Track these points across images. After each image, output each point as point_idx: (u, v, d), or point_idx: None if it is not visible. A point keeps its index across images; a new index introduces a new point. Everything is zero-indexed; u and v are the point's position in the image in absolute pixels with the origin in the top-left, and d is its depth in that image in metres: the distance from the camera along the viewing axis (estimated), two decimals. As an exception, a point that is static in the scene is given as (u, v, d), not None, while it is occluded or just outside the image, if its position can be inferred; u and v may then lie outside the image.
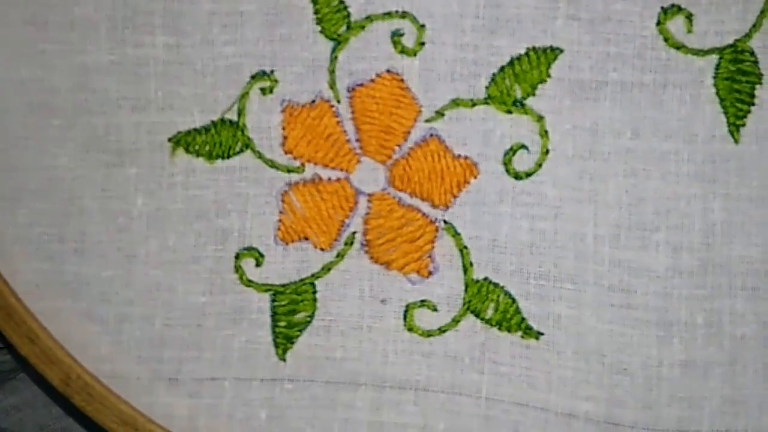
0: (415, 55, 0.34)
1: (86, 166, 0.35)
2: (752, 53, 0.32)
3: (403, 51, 0.33)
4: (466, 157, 0.34)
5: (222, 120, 0.34)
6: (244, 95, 0.34)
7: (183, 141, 0.35)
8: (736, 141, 0.33)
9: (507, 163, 0.34)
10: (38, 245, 0.35)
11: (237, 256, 0.35)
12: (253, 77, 0.34)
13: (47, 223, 0.35)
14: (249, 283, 0.35)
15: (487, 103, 0.33)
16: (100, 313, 0.35)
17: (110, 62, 0.34)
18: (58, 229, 0.35)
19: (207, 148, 0.35)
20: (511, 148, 0.33)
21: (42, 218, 0.35)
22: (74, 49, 0.34)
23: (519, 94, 0.33)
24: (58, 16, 0.34)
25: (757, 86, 0.32)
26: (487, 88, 0.33)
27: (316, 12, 0.34)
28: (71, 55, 0.34)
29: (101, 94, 0.34)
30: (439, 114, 0.34)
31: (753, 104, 0.32)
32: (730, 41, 0.32)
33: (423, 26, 0.33)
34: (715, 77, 0.33)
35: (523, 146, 0.33)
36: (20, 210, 0.35)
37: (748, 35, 0.32)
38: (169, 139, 0.34)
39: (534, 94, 0.33)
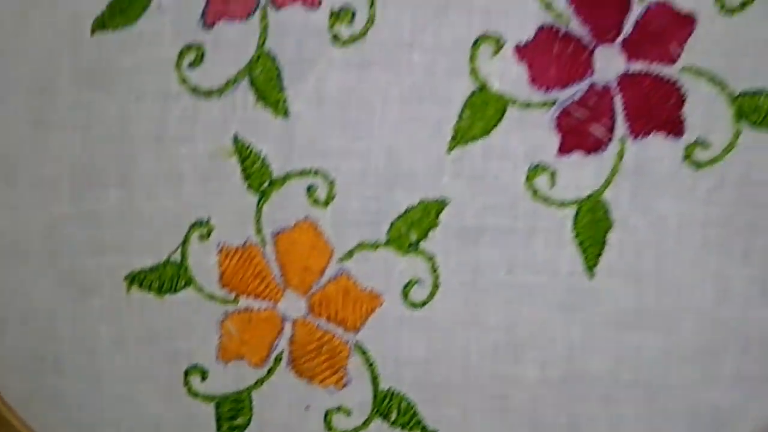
0: (327, 205, 0.40)
1: (58, 299, 0.41)
2: (605, 204, 0.39)
3: (317, 202, 0.40)
4: (372, 290, 0.40)
5: (168, 261, 0.41)
6: (186, 240, 0.41)
7: (137, 279, 0.41)
8: (591, 276, 0.39)
9: (405, 295, 0.40)
10: (23, 364, 0.42)
11: (186, 373, 0.41)
12: (192, 225, 0.41)
13: (29, 345, 0.42)
14: (196, 394, 0.41)
15: (387, 246, 0.40)
16: (76, 420, 0.42)
17: (73, 213, 0.41)
18: (38, 350, 0.42)
19: (156, 284, 0.41)
20: (408, 282, 0.40)
21: (24, 341, 0.42)
22: (42, 203, 0.41)
23: (414, 237, 0.40)
24: (27, 176, 0.41)
25: (609, 232, 0.39)
26: (387, 233, 0.40)
27: (243, 170, 0.40)
28: (40, 208, 0.41)
29: (67, 240, 0.41)
30: (349, 254, 0.40)
31: (605, 247, 0.39)
32: (587, 194, 0.39)
33: (333, 182, 0.40)
34: (574, 224, 0.39)
35: (418, 281, 0.40)
36: (6, 334, 0.42)
37: (601, 189, 0.39)
38: (125, 278, 0.41)
39: (426, 238, 0.40)
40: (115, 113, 0.40)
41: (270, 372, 0.41)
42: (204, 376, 0.41)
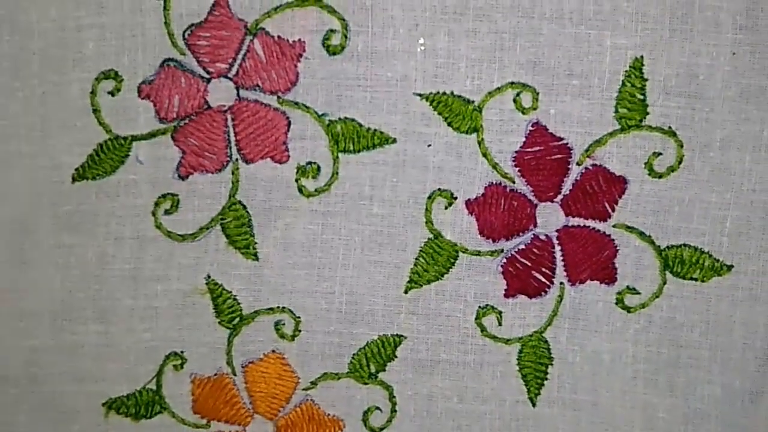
0: (293, 339, 0.44)
1: (38, 424, 0.44)
2: (546, 342, 0.43)
3: (284, 337, 0.44)
4: (334, 416, 0.44)
5: (144, 389, 0.44)
6: (161, 370, 0.44)
7: (114, 405, 0.44)
8: (534, 405, 0.44)
9: (365, 421, 0.44)
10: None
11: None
12: (167, 357, 0.44)
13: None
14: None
15: (349, 377, 0.44)
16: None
17: (53, 345, 0.44)
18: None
19: (133, 410, 0.44)
20: (368, 409, 0.44)
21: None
22: (24, 334, 0.44)
23: (373, 369, 0.44)
24: (8, 309, 0.44)
25: (549, 366, 0.43)
26: (349, 364, 0.44)
27: (215, 307, 0.44)
28: (22, 340, 0.44)
29: (48, 369, 0.44)
30: (313, 384, 0.44)
31: (546, 379, 0.43)
32: (530, 332, 0.43)
33: (299, 319, 0.43)
34: (519, 359, 0.43)
35: (378, 408, 0.44)
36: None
37: (543, 328, 0.43)
38: (103, 404, 0.44)
39: (384, 369, 0.44)
40: (93, 254, 0.43)
41: (239, 490, 0.45)
42: (177, 493, 0.45)
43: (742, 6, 0.41)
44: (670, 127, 0.42)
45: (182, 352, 0.44)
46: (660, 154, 0.42)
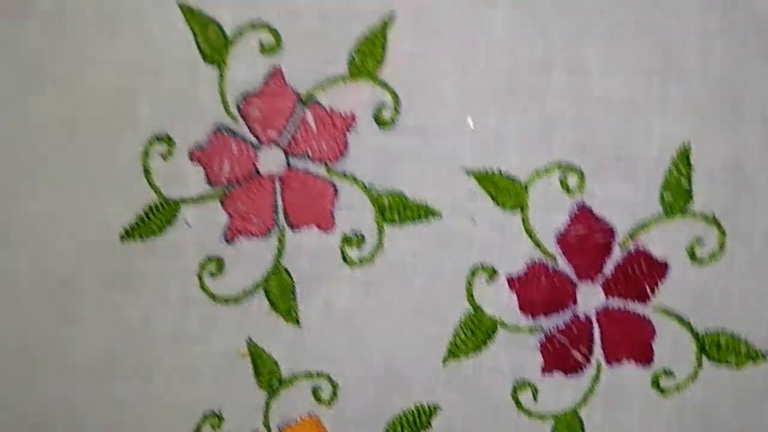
0: (330, 404, 0.44)
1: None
2: (580, 419, 0.44)
3: (321, 401, 0.44)
4: (367, 481, 0.45)
5: (180, 445, 0.45)
6: (198, 429, 0.45)
7: (152, 461, 0.45)
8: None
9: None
10: None
11: None
12: (205, 416, 0.45)
13: None
14: None
15: (385, 442, 0.45)
16: None
17: (93, 400, 0.44)
18: None
19: (170, 466, 0.45)
20: (402, 476, 0.45)
21: None
22: (64, 388, 0.44)
23: (408, 436, 0.44)
24: (50, 363, 0.44)
25: (583, 441, 0.44)
26: (384, 431, 0.44)
27: (254, 369, 0.44)
28: (62, 393, 0.44)
29: (87, 423, 0.44)
30: (347, 448, 0.45)
31: (579, 458, 0.44)
32: (565, 409, 0.44)
33: (337, 384, 0.44)
34: (552, 433, 0.44)
35: (411, 475, 0.45)
36: None
37: (578, 406, 0.44)
38: (142, 461, 0.45)
39: (420, 437, 0.45)
40: (138, 313, 0.44)
41: None
42: None
43: (791, 98, 0.42)
44: (713, 215, 0.43)
45: (220, 411, 0.45)
46: (702, 240, 0.43)
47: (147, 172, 0.43)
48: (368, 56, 0.42)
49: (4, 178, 0.43)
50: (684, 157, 0.43)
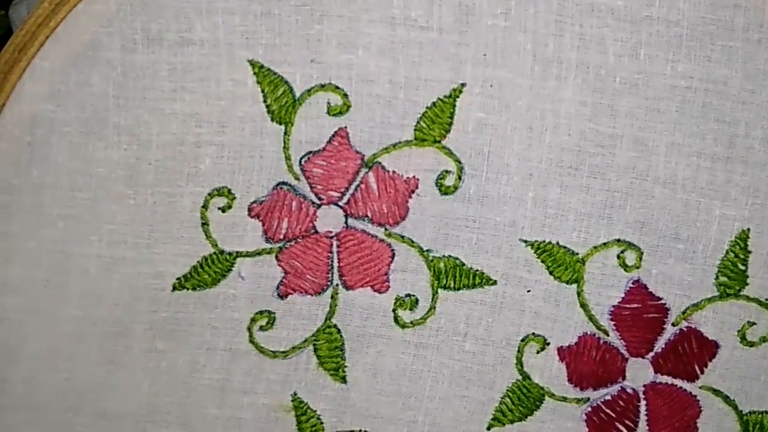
0: (371, 462, 0.44)
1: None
2: None
3: (363, 459, 0.44)
4: None
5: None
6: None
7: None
8: None
9: None
10: None
11: None
12: (246, 465, 0.45)
13: None
14: None
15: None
16: None
17: (135, 449, 0.44)
18: None
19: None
20: None
21: None
22: (104, 434, 0.45)
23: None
24: (93, 408, 0.44)
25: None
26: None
27: (298, 424, 0.44)
28: (102, 439, 0.45)
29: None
30: (386, 507, 0.45)
31: None
32: None
33: (379, 441, 0.44)
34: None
35: None
36: None
37: None
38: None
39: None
40: (184, 362, 0.44)
41: None
42: None
43: None
44: (767, 299, 0.43)
45: (262, 461, 0.45)
46: (754, 324, 0.43)
47: (205, 223, 0.43)
48: (435, 123, 0.42)
49: (63, 222, 0.43)
50: (742, 241, 0.43)
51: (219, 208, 0.43)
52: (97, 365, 0.44)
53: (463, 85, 0.42)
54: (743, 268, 0.43)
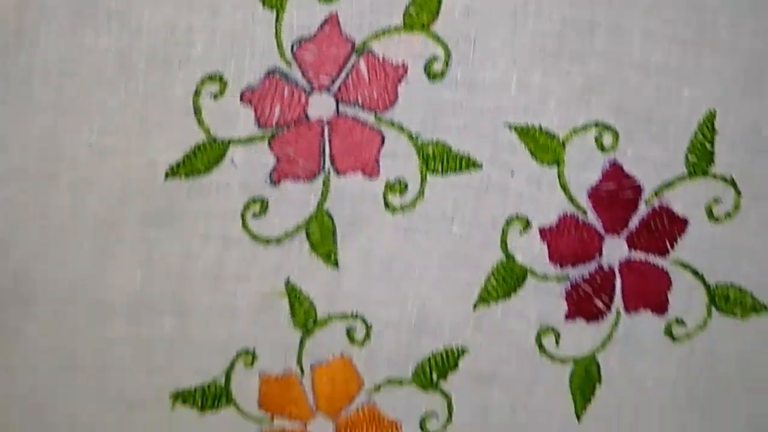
0: (362, 345, 0.46)
1: (103, 412, 0.45)
2: (597, 364, 0.47)
3: (354, 342, 0.46)
4: (394, 420, 0.47)
5: (213, 383, 0.45)
6: (231, 366, 0.45)
7: (181, 397, 0.46)
8: (579, 421, 0.47)
9: (423, 425, 0.47)
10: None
11: (217, 480, 0.47)
12: (239, 353, 0.46)
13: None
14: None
15: (411, 384, 0.46)
16: None
17: (127, 337, 0.45)
18: (80, 458, 0.46)
19: (200, 403, 0.46)
20: (425, 415, 0.47)
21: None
22: (98, 325, 0.45)
23: (435, 378, 0.46)
24: (86, 299, 0.44)
25: (597, 386, 0.47)
26: (413, 372, 0.46)
27: (291, 310, 0.45)
28: (96, 330, 0.45)
29: (118, 360, 0.45)
30: (377, 388, 0.47)
31: (592, 398, 0.47)
32: (584, 354, 0.47)
33: (370, 326, 0.46)
34: (571, 377, 0.47)
35: (435, 414, 0.47)
36: (51, 440, 0.46)
37: (595, 351, 0.47)
38: (171, 395, 0.45)
39: (445, 379, 0.47)
40: (178, 251, 0.44)
41: (296, 483, 0.47)
42: (234, 483, 0.47)
43: (808, 73, 0.46)
44: (731, 177, 0.46)
45: (254, 349, 0.46)
46: (720, 200, 0.46)
47: (197, 111, 0.43)
48: (423, 9, 0.44)
49: (53, 111, 0.43)
50: (709, 122, 0.46)
51: (211, 95, 0.44)
52: (90, 256, 0.45)
53: (449, -30, 0.44)
54: (710, 147, 0.46)
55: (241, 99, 0.44)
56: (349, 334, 0.47)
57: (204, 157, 0.44)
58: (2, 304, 0.44)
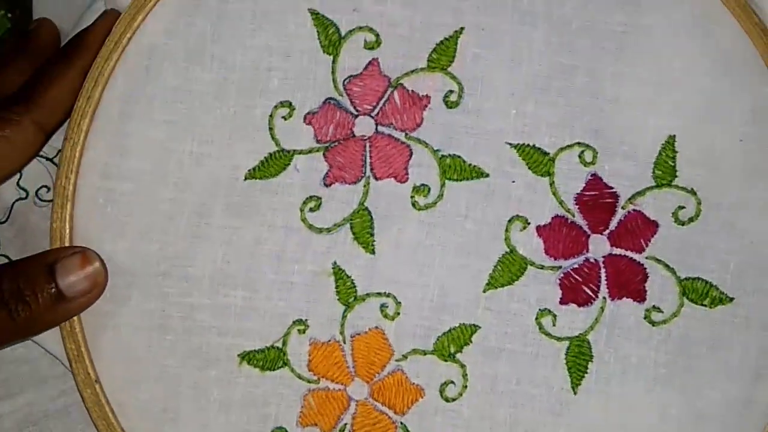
0: (393, 320, 0.57)
1: (185, 367, 0.57)
2: (588, 343, 0.56)
3: (387, 316, 0.57)
4: (418, 385, 0.57)
5: (272, 347, 0.56)
6: (287, 333, 0.56)
7: (246, 357, 0.57)
8: (575, 393, 0.56)
9: (441, 391, 0.56)
10: (151, 413, 0.56)
11: (271, 432, 0.56)
12: (294, 322, 0.57)
13: (156, 399, 0.56)
14: (277, 449, 0.56)
15: (433, 354, 0.56)
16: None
17: (208, 304, 0.57)
18: (163, 404, 0.57)
19: (261, 363, 0.57)
20: (444, 382, 0.56)
21: (154, 396, 0.56)
22: (186, 294, 0.57)
23: (452, 349, 0.56)
24: (177, 272, 0.57)
25: (589, 362, 0.56)
26: (434, 344, 0.56)
27: (336, 287, 0.57)
28: (183, 298, 0.57)
29: (200, 323, 0.57)
30: (404, 357, 0.57)
31: (586, 373, 0.56)
32: (577, 334, 0.56)
33: (400, 304, 0.56)
34: (566, 354, 0.56)
35: (452, 381, 0.56)
36: (141, 390, 0.57)
37: (586, 332, 0.56)
38: (239, 355, 0.56)
39: (461, 351, 0.56)
40: (251, 236, 0.57)
41: (335, 438, 0.56)
42: (285, 436, 0.56)
43: (748, 107, 0.56)
44: (692, 188, 0.56)
45: (306, 320, 0.57)
46: (684, 207, 0.57)
47: (271, 128, 0.58)
48: (443, 55, 0.58)
49: (166, 126, 0.57)
50: (670, 144, 0.57)
51: (282, 117, 0.58)
52: (184, 238, 0.58)
53: (462, 28, 0.58)
54: (672, 164, 0.57)
55: (304, 120, 0.58)
56: (383, 309, 0.57)
57: (274, 164, 0.58)
58: (115, 276, 0.57)
